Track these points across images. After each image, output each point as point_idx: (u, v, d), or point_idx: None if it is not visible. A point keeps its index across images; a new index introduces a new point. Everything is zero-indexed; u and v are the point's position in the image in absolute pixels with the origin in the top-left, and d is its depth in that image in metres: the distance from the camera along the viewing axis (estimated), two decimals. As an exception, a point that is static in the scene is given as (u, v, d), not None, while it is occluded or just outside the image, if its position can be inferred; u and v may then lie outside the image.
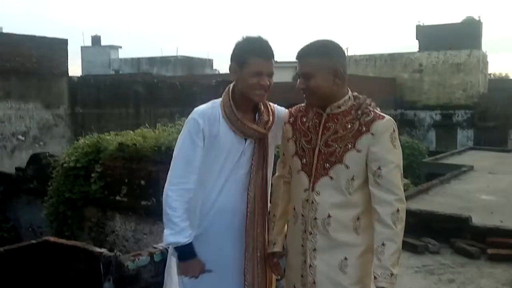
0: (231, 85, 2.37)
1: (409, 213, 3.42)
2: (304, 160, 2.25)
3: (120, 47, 40.06)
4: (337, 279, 2.16)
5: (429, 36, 29.97)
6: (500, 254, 5.01)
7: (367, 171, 2.14)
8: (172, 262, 2.42)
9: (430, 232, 5.54)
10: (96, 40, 39.82)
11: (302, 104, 2.41)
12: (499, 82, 38.85)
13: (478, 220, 5.81)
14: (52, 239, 4.67)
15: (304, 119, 2.33)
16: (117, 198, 8.27)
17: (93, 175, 8.37)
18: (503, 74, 60.95)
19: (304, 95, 2.25)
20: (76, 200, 8.41)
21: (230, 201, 2.33)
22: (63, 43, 15.12)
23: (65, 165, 8.49)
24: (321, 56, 2.16)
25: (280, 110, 2.49)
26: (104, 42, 39.83)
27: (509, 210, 6.98)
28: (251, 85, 2.26)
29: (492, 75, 47.58)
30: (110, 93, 15.89)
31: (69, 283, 4.24)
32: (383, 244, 2.04)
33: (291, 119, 2.38)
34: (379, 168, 2.09)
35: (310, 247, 2.21)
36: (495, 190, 8.61)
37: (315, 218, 2.19)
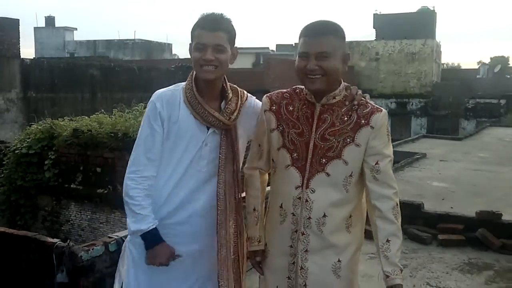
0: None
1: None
2: (295, 155, 2.03)
3: (76, 29, 39.02)
4: (331, 283, 2.04)
5: (386, 25, 30.50)
6: (450, 240, 5.21)
7: (362, 167, 2.02)
8: (127, 249, 2.29)
9: (385, 219, 5.68)
10: (50, 21, 38.48)
11: (284, 90, 2.15)
12: (452, 72, 40.16)
13: (430, 206, 5.99)
14: (1, 229, 4.52)
15: (291, 108, 2.07)
16: (72, 186, 8.09)
17: (46, 162, 8.15)
18: (455, 64, 63.13)
19: (310, 78, 1.95)
20: (29, 188, 8.18)
21: (187, 197, 2.17)
22: (15, 23, 14.49)
23: (17, 151, 8.23)
24: (338, 36, 1.97)
25: (256, 102, 2.28)
26: (58, 23, 38.65)
27: (459, 197, 7.24)
28: (195, 59, 2.08)
29: (445, 65, 49.17)
30: (64, 76, 15.40)
31: (22, 273, 4.13)
32: (388, 241, 1.99)
33: (274, 107, 2.10)
34: (377, 163, 1.98)
35: (301, 248, 2.04)
36: (446, 177, 8.91)
37: (309, 218, 2.01)
